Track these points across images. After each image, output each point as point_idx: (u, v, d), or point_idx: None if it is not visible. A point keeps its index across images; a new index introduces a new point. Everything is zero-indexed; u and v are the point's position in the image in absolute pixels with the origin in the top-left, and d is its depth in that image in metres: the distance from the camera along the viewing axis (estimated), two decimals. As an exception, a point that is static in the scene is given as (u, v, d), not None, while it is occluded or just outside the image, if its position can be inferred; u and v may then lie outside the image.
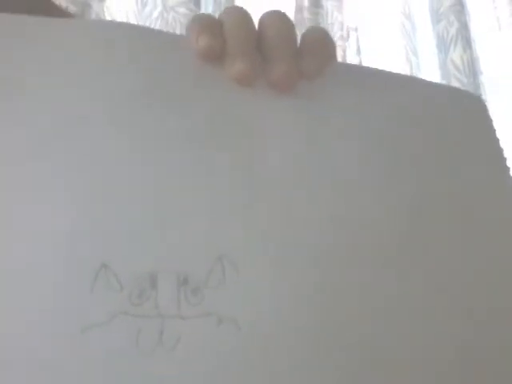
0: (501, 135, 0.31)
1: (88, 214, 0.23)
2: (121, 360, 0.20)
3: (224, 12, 0.29)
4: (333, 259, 0.24)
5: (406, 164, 0.28)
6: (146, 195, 0.23)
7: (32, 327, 0.21)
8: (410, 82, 0.35)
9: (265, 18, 0.29)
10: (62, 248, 0.22)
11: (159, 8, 0.88)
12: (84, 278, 0.21)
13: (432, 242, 0.26)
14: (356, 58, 0.99)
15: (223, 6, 0.91)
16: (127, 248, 0.22)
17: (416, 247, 0.25)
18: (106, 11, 0.86)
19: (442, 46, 1.03)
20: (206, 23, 0.28)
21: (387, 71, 0.32)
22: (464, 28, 1.03)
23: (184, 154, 0.25)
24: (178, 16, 0.88)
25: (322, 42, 0.30)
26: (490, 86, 1.00)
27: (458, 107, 0.31)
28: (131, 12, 0.87)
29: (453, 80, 0.98)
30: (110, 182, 0.23)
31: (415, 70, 1.00)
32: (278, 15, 0.29)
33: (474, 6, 1.06)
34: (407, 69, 0.99)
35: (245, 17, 0.29)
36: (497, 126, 0.31)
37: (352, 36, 1.01)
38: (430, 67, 1.02)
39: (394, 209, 0.26)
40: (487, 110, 0.32)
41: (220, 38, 0.27)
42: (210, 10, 0.92)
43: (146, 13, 0.88)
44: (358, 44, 1.01)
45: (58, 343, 0.20)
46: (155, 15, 0.88)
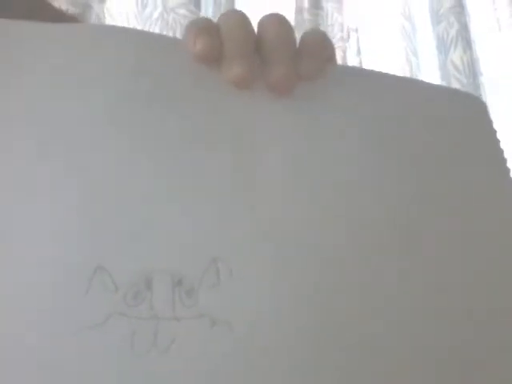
0: (501, 136, 0.31)
1: (84, 215, 0.23)
2: (116, 361, 0.20)
3: (222, 16, 0.29)
4: (333, 259, 0.24)
5: (406, 165, 0.28)
6: (143, 196, 0.23)
7: (29, 327, 0.21)
8: (410, 84, 0.35)
9: (264, 20, 0.29)
10: (59, 249, 0.22)
11: (159, 9, 0.88)
12: (79, 280, 0.21)
13: (432, 242, 0.26)
14: (356, 59, 0.99)
15: (223, 7, 0.91)
16: (123, 249, 0.22)
17: (416, 247, 0.25)
18: (106, 12, 0.86)
19: (442, 47, 1.03)
20: (204, 26, 0.28)
21: (386, 73, 0.32)
22: (464, 29, 1.03)
23: (182, 156, 0.25)
24: (178, 17, 0.88)
25: (321, 43, 0.30)
26: (490, 86, 1.00)
27: (458, 108, 0.31)
28: (131, 13, 0.87)
29: (453, 81, 0.99)
30: (107, 183, 0.23)
31: (415, 70, 1.00)
32: (276, 18, 0.29)
33: (474, 7, 1.06)
34: (407, 70, 0.99)
35: (242, 20, 0.29)
36: (497, 126, 0.31)
37: (352, 37, 1.01)
38: (430, 68, 1.02)
39: (393, 209, 0.26)
40: (487, 111, 0.32)
41: (217, 41, 0.27)
42: (210, 11, 0.92)
43: (146, 14, 0.88)
44: (358, 45, 1.01)
45: (54, 343, 0.20)
46: (155, 16, 0.88)
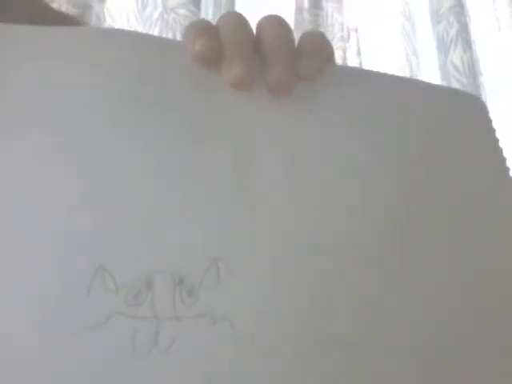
0: (500, 136, 0.31)
1: (85, 216, 0.23)
2: (117, 361, 0.20)
3: (221, 17, 0.29)
4: (332, 259, 0.24)
5: (406, 165, 0.28)
6: (143, 197, 0.23)
7: (30, 328, 0.21)
8: (410, 84, 0.35)
9: (262, 21, 0.29)
10: (60, 249, 0.22)
11: (159, 9, 0.88)
12: (81, 280, 0.21)
13: (432, 242, 0.26)
14: (356, 59, 0.99)
15: (223, 7, 0.91)
16: (124, 249, 0.22)
17: (416, 247, 0.25)
18: (106, 12, 0.86)
19: (442, 47, 1.03)
20: (203, 28, 0.28)
21: (386, 73, 0.32)
22: (464, 29, 1.03)
23: (182, 156, 0.25)
24: (178, 17, 0.88)
25: (320, 44, 0.30)
26: (489, 86, 1.00)
27: (458, 108, 0.31)
28: (131, 13, 0.87)
29: (453, 81, 0.99)
30: (108, 184, 0.23)
31: (415, 70, 1.00)
32: (275, 19, 0.29)
33: (474, 7, 1.06)
34: (407, 70, 0.99)
35: (241, 21, 0.29)
36: (497, 126, 0.31)
37: (352, 37, 1.01)
38: (429, 68, 1.02)
39: (394, 209, 0.26)
40: (487, 111, 0.32)
41: (217, 42, 0.27)
42: (210, 11, 0.92)
43: (146, 14, 0.88)
44: (358, 45, 1.01)
45: (56, 344, 0.20)
46: (155, 16, 0.88)
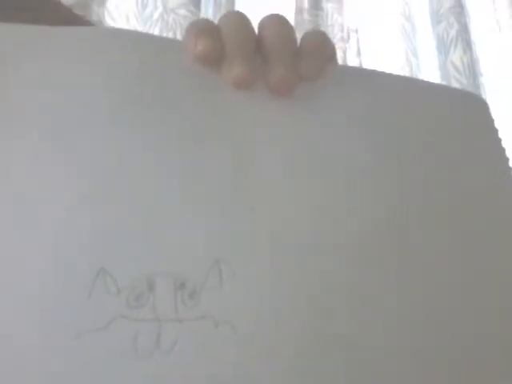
0: (501, 136, 0.31)
1: (86, 217, 0.23)
2: (119, 363, 0.20)
3: (222, 17, 0.29)
4: (332, 259, 0.24)
5: (406, 164, 0.28)
6: (143, 197, 0.23)
7: (31, 330, 0.20)
8: (411, 83, 0.35)
9: (264, 21, 0.29)
10: (61, 251, 0.22)
11: (159, 10, 0.88)
12: (82, 282, 0.21)
13: (432, 242, 0.26)
14: (356, 60, 0.99)
15: (223, 7, 0.91)
16: (125, 252, 0.22)
17: (416, 247, 0.25)
18: (106, 12, 0.86)
19: (442, 48, 1.03)
20: (204, 27, 0.28)
21: (387, 73, 0.32)
22: (464, 29, 1.03)
23: (182, 157, 0.25)
24: (178, 18, 0.88)
25: (321, 44, 0.30)
26: (489, 87, 1.00)
27: (459, 107, 0.31)
28: (131, 13, 0.87)
29: (453, 81, 0.99)
30: (109, 185, 0.23)
31: (415, 71, 1.01)
32: (277, 18, 0.29)
33: (474, 7, 1.07)
34: (407, 70, 0.99)
35: (243, 21, 0.29)
36: (497, 127, 0.31)
37: (352, 37, 1.01)
38: (429, 68, 1.02)
39: (394, 209, 0.26)
40: (488, 110, 0.32)
41: (218, 42, 0.27)
42: (210, 11, 0.92)
43: (146, 14, 0.88)
44: (358, 45, 1.01)
45: (57, 346, 0.20)
46: (155, 17, 0.88)
